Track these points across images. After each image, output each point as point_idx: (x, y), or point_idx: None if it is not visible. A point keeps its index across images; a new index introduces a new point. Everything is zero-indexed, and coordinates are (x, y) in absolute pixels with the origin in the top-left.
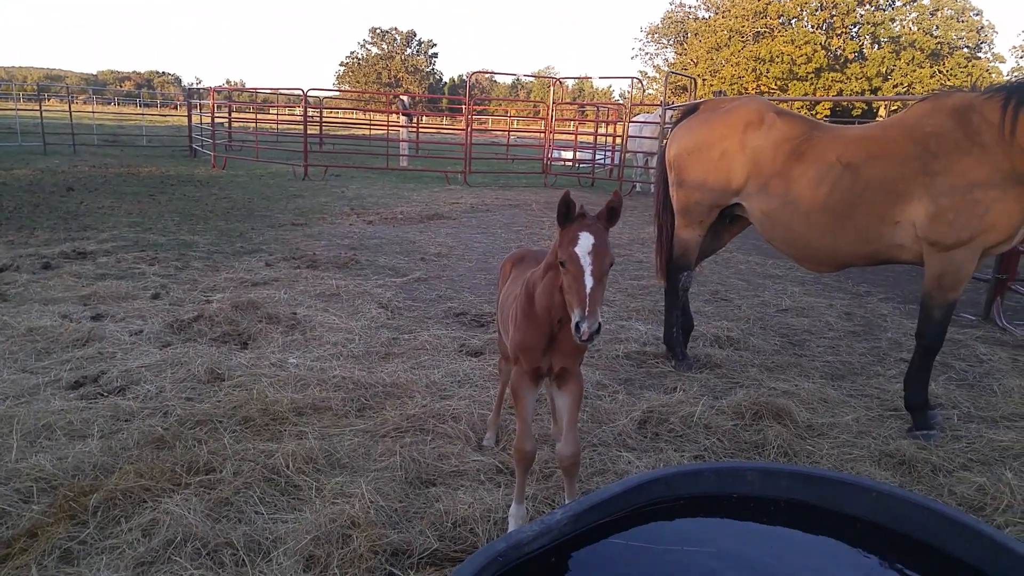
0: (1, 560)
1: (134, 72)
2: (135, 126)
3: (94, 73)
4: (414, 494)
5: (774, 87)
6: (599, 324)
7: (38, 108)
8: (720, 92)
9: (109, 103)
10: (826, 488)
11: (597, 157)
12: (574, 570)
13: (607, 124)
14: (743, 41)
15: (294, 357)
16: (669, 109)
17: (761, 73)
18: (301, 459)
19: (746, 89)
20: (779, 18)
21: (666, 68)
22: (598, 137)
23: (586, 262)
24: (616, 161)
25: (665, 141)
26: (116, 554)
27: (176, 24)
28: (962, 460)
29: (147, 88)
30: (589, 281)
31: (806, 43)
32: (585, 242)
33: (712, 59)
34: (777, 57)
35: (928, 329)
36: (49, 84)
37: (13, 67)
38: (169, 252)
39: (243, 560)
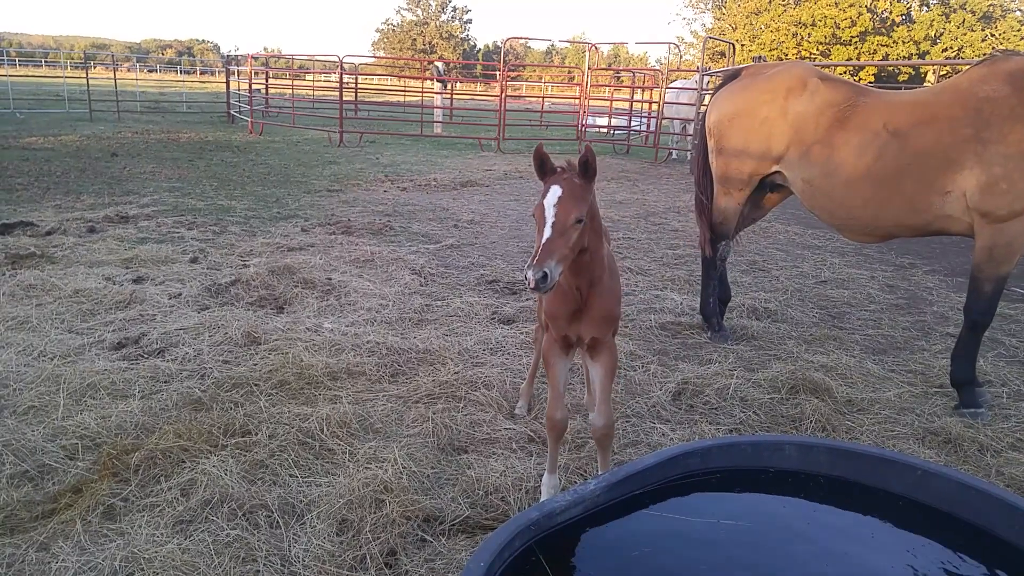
0: (47, 515)
1: (175, 40)
2: (176, 93)
3: (138, 41)
4: (446, 461)
5: (816, 52)
6: (544, 272)
7: (84, 76)
8: (759, 58)
9: (152, 71)
10: (868, 465)
11: (632, 124)
12: (608, 540)
13: (643, 90)
14: (784, 5)
15: (329, 322)
16: (707, 75)
17: (803, 38)
18: (335, 423)
19: (786, 54)
20: None
21: (704, 33)
22: (633, 104)
23: (549, 213)
24: (652, 128)
25: (704, 107)
26: (156, 512)
27: None
28: (1011, 440)
29: (187, 55)
30: (547, 232)
31: (851, 6)
32: (552, 194)
33: (751, 24)
34: (820, 21)
35: (977, 303)
36: (95, 52)
37: (61, 36)
38: (207, 217)
39: (277, 522)
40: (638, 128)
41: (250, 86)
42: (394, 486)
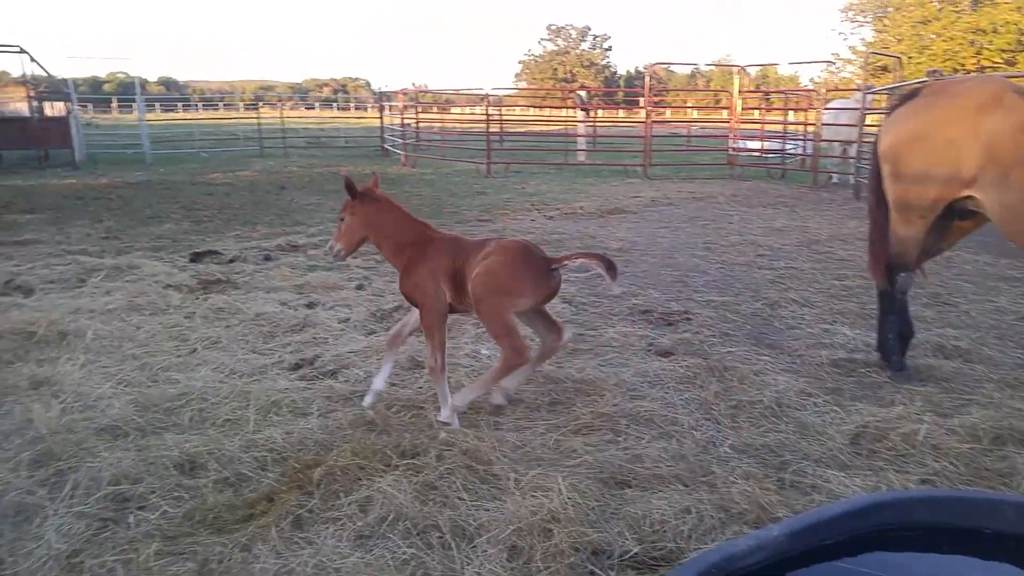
0: (246, 519)
1: (331, 79)
2: (334, 128)
3: (299, 81)
4: (609, 494)
5: (999, 61)
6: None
7: (255, 116)
8: (935, 71)
9: (311, 108)
10: None
11: (787, 147)
12: None
13: (797, 111)
14: (957, 12)
15: (485, 348)
16: (870, 93)
17: (982, 46)
18: (498, 449)
19: (962, 65)
20: None
21: (862, 48)
22: (787, 126)
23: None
24: (808, 151)
25: (868, 128)
26: (339, 525)
27: (366, 35)
28: None
29: (343, 93)
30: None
31: None
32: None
33: (919, 34)
34: (1002, 27)
35: None
36: (263, 94)
37: (235, 81)
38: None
39: (449, 543)
40: (793, 151)
41: (402, 121)
42: (561, 516)
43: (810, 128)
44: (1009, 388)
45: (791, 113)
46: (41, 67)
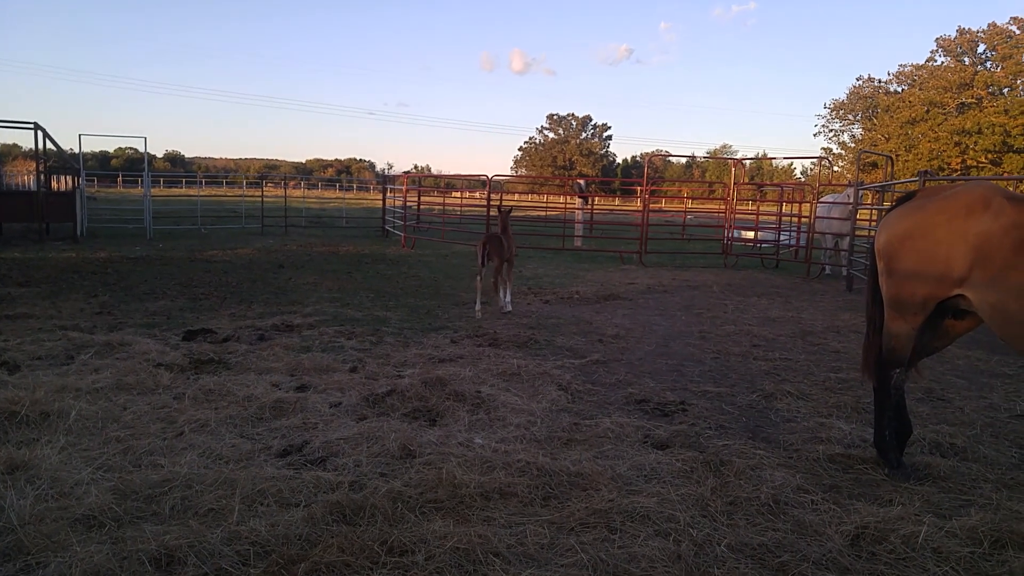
0: None
1: (335, 160)
2: (336, 208)
3: (303, 161)
4: None
5: (984, 160)
6: None
7: (258, 194)
8: (926, 172)
9: (313, 187)
10: None
11: (781, 238)
12: None
13: (791, 204)
14: (943, 114)
15: (480, 437)
16: (861, 189)
17: (967, 146)
18: (490, 548)
19: (948, 164)
20: (987, 88)
21: (852, 144)
22: (782, 217)
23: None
24: (801, 242)
25: (859, 222)
26: None
27: (369, 120)
28: None
29: (346, 173)
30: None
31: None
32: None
33: (907, 134)
34: (987, 129)
35: None
36: (267, 172)
37: (240, 159)
38: (364, 327)
39: None
40: (787, 242)
41: (404, 202)
42: None
43: (804, 220)
44: (1006, 489)
45: (785, 204)
46: (54, 143)
